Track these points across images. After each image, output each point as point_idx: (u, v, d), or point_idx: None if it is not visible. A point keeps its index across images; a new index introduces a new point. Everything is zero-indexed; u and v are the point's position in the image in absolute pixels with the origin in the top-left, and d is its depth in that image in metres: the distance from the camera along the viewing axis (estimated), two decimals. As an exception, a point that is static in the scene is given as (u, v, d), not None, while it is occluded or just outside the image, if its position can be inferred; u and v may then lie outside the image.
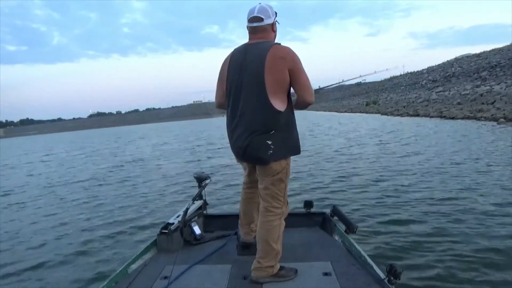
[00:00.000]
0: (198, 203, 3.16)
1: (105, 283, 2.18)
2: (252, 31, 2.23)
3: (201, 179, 3.08)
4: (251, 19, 2.20)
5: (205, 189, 3.11)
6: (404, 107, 32.82)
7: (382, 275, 2.09)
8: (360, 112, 42.09)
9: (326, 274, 2.26)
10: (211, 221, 3.25)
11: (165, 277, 2.30)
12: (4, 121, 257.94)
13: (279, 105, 2.10)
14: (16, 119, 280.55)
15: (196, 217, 3.06)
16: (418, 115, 25.74)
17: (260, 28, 2.20)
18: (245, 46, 2.22)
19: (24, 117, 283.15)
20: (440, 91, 35.92)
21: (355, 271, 2.26)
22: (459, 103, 25.01)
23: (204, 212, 3.27)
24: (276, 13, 2.26)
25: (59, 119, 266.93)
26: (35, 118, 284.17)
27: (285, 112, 2.14)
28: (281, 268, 2.26)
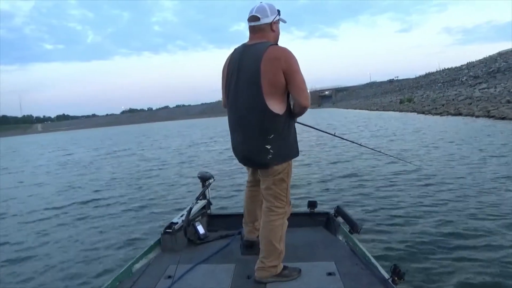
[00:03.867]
0: (202, 202, 3.18)
1: (109, 282, 2.21)
2: (251, 30, 2.21)
3: (204, 179, 3.09)
4: (249, 18, 2.19)
5: (209, 188, 3.14)
6: (443, 105, 30.52)
7: (386, 275, 2.08)
8: (393, 110, 39.89)
9: (330, 274, 2.24)
10: (215, 221, 3.27)
11: (169, 277, 2.31)
12: (42, 116, 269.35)
13: (277, 108, 2.08)
14: (53, 114, 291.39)
15: (200, 217, 3.09)
16: (460, 114, 23.53)
17: (257, 28, 2.18)
18: (243, 47, 2.21)
19: (61, 113, 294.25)
20: (484, 88, 33.11)
21: (359, 271, 2.25)
22: (509, 101, 22.54)
23: (208, 211, 3.30)
24: (278, 12, 2.20)
25: (93, 115, 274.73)
26: (71, 114, 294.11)
27: (284, 116, 2.12)
28: (285, 268, 2.26)
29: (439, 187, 6.01)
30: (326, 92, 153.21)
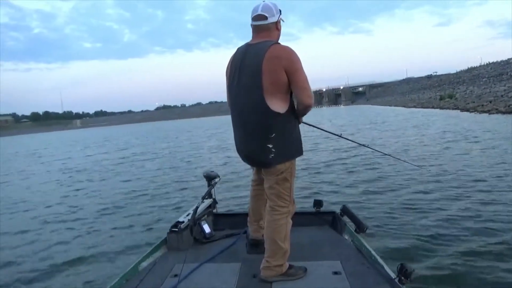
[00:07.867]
0: (208, 201, 3.20)
1: (116, 280, 2.26)
2: (255, 29, 2.22)
3: (210, 178, 3.10)
4: (255, 17, 2.19)
5: (215, 187, 3.15)
6: (490, 102, 28.20)
7: (392, 274, 2.05)
8: (433, 107, 37.62)
9: (335, 273, 2.24)
10: (220, 220, 3.28)
11: (175, 275, 2.34)
12: (81, 112, 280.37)
13: (278, 107, 2.09)
14: (91, 110, 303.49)
15: (206, 216, 3.10)
16: (512, 112, 20.81)
17: (264, 27, 2.18)
18: (246, 46, 2.22)
19: (98, 109, 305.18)
20: (538, 83, 29.77)
21: (365, 271, 2.24)
22: None
23: (214, 210, 3.31)
24: (280, 11, 2.23)
25: (129, 111, 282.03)
26: (108, 110, 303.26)
27: (285, 115, 2.13)
28: (290, 267, 2.27)
29: (448, 188, 5.89)
30: (360, 89, 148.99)
